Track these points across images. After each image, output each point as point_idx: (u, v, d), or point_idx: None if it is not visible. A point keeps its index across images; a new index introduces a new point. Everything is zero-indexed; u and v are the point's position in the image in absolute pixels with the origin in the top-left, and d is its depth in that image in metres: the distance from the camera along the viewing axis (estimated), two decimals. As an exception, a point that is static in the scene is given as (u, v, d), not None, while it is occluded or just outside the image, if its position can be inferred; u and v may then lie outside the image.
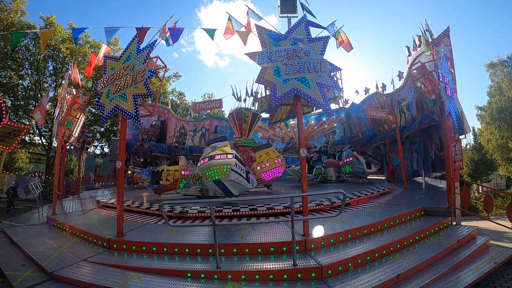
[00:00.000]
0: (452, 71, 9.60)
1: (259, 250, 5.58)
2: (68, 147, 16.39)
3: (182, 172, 11.32)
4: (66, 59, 26.77)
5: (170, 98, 31.75)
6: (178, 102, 36.49)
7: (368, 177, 15.35)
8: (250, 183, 9.30)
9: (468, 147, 36.59)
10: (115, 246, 6.24)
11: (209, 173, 8.28)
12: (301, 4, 8.03)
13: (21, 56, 25.80)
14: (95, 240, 6.72)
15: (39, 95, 26.46)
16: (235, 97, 17.00)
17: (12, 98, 26.46)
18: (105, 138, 31.67)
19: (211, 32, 7.11)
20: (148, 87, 6.30)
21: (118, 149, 7.71)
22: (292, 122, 21.30)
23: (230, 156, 8.41)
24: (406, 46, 13.08)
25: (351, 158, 14.40)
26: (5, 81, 25.58)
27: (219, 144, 8.96)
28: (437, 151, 11.88)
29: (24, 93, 27.37)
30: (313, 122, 21.60)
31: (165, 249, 5.88)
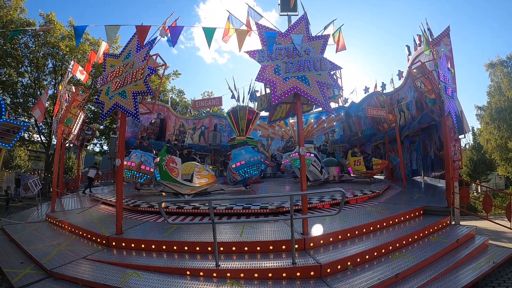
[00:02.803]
0: (452, 70, 9.59)
1: (258, 248, 5.58)
2: (67, 145, 16.39)
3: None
4: (66, 56, 26.71)
5: (170, 96, 31.71)
6: (178, 100, 36.46)
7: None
8: (322, 175, 12.37)
9: (467, 146, 36.61)
10: (114, 244, 6.24)
11: (296, 164, 11.29)
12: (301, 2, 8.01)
13: (20, 54, 25.73)
14: (94, 238, 6.72)
15: (38, 93, 26.40)
16: (232, 91, 16.90)
17: (11, 96, 26.40)
18: (105, 135, 31.63)
19: (210, 32, 7.05)
20: (147, 84, 6.28)
21: (117, 147, 7.70)
22: (291, 120, 21.31)
23: (312, 155, 11.93)
24: (406, 46, 13.07)
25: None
26: (4, 79, 25.52)
27: (307, 145, 11.81)
28: (436, 150, 11.88)
29: (23, 91, 27.30)
30: (312, 120, 21.60)
31: (164, 247, 5.88)
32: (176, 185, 9.31)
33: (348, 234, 6.13)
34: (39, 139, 29.12)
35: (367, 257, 5.38)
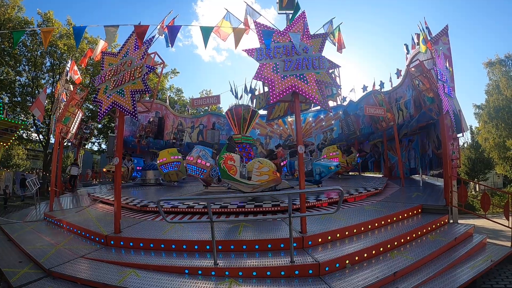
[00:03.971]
0: (451, 69, 9.59)
1: (257, 246, 5.58)
2: (65, 144, 16.34)
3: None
4: (64, 55, 26.65)
5: (168, 95, 31.67)
6: (176, 98, 36.42)
7: (364, 174, 15.47)
8: None
9: (465, 145, 36.71)
10: (112, 242, 6.23)
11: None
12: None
13: (18, 52, 25.66)
14: (92, 237, 6.71)
15: (36, 92, 26.34)
16: (233, 93, 16.91)
17: (9, 95, 26.33)
18: (103, 134, 31.58)
19: (207, 31, 7.02)
20: (146, 83, 6.27)
21: (115, 146, 7.69)
22: (290, 119, 21.26)
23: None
24: (405, 44, 13.04)
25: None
26: (2, 77, 25.44)
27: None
28: (434, 149, 11.90)
29: (21, 90, 27.24)
30: (311, 119, 21.59)
31: (162, 245, 5.88)
32: (236, 183, 9.05)
33: (347, 233, 6.13)
34: (37, 138, 29.07)
35: (365, 255, 5.38)
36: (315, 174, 11.02)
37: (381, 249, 5.66)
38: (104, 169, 17.41)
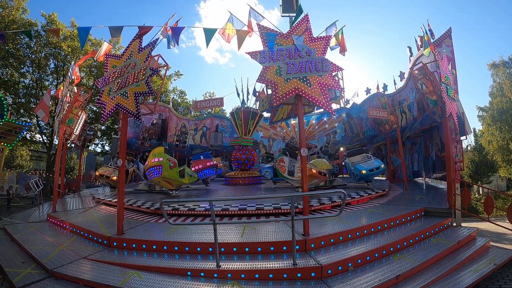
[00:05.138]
0: (454, 71, 9.58)
1: (259, 249, 5.58)
2: (69, 145, 16.42)
3: None
4: (68, 57, 26.77)
5: (171, 97, 31.77)
6: (179, 100, 36.51)
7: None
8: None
9: (469, 148, 36.60)
10: (115, 244, 6.24)
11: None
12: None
13: (22, 54, 25.80)
14: (95, 238, 6.73)
15: (40, 93, 26.48)
16: (238, 94, 17.00)
17: (13, 96, 26.46)
18: (106, 136, 31.70)
19: (210, 33, 7.06)
20: (149, 85, 6.29)
21: (119, 147, 7.72)
22: (293, 121, 21.29)
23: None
24: (408, 47, 13.06)
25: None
26: (6, 79, 25.58)
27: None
28: (438, 152, 11.86)
29: (25, 91, 27.38)
30: (314, 121, 21.58)
31: (165, 247, 5.88)
32: (286, 179, 10.86)
33: (349, 235, 6.12)
34: (40, 139, 29.20)
35: (368, 258, 5.37)
36: (355, 175, 11.59)
37: (384, 252, 5.65)
38: (97, 173, 14.96)
